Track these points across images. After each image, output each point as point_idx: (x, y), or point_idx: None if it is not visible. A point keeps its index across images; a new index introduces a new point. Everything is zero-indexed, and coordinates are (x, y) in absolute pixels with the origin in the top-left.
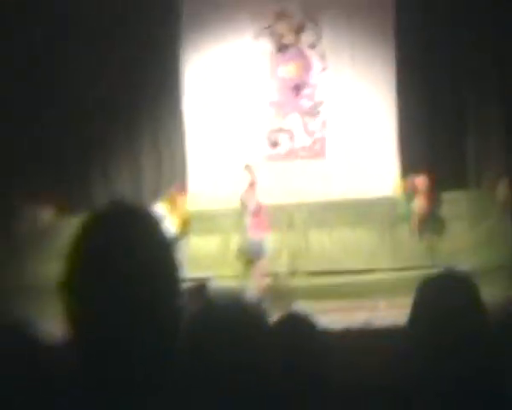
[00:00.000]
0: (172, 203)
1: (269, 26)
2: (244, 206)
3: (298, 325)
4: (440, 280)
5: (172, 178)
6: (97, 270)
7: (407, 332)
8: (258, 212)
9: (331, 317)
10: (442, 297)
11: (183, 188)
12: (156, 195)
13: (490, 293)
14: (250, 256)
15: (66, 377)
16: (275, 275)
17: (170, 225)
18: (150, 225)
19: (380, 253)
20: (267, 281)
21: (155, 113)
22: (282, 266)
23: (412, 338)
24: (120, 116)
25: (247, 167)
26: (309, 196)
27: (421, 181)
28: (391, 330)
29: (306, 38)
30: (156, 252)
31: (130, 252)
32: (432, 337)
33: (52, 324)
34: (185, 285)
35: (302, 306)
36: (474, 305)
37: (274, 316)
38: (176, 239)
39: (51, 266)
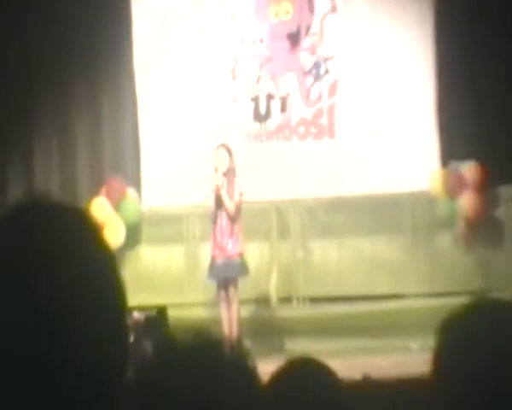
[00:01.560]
0: (116, 200)
1: None
2: (218, 204)
3: (309, 380)
4: (474, 315)
5: (119, 165)
6: (7, 291)
7: (432, 386)
8: (237, 212)
9: (341, 362)
10: (475, 339)
11: (133, 179)
12: (95, 188)
13: None
14: (224, 275)
15: None
16: (261, 301)
17: (113, 229)
18: (84, 229)
19: (410, 272)
20: (249, 310)
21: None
22: (270, 288)
23: (438, 394)
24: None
25: (223, 149)
26: (309, 191)
27: (469, 172)
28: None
29: None
30: (93, 268)
31: (54, 268)
32: (463, 395)
33: None
34: (134, 316)
35: (301, 346)
36: None
37: (261, 361)
38: (121, 250)
39: None
